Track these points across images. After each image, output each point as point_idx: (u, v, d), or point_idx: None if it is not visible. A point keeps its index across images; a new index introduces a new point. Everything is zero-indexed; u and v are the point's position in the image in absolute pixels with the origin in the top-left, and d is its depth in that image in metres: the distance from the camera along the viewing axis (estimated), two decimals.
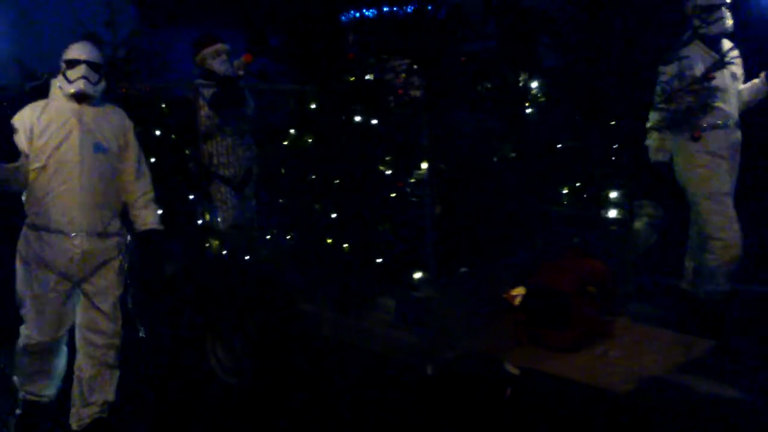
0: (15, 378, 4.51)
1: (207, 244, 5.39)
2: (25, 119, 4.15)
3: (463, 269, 4.30)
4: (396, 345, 4.35)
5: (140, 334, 4.66)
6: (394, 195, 4.08)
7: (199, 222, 5.47)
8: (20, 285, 4.36)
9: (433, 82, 3.78)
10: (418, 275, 4.13)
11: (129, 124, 4.58)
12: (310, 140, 4.50)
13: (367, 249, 4.31)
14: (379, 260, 4.28)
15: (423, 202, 4.03)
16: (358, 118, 4.17)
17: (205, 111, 5.41)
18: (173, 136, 5.62)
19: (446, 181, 4.04)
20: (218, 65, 5.45)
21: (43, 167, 4.26)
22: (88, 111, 4.40)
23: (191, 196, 5.54)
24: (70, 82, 4.33)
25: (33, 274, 4.30)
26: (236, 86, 5.27)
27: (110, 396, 4.53)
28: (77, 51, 4.38)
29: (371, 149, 4.10)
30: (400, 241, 4.17)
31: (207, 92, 5.41)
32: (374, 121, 4.03)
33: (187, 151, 5.61)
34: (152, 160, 5.61)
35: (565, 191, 5.15)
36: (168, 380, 5.38)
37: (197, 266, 5.34)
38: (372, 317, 4.48)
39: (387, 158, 4.06)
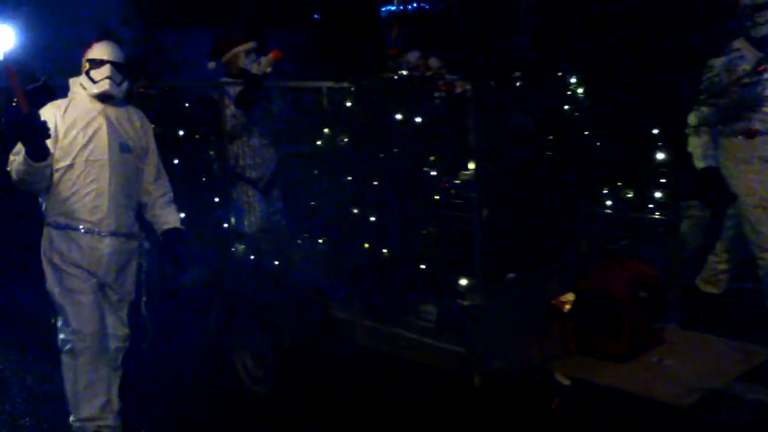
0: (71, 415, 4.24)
1: (233, 249, 5.18)
2: (48, 118, 3.96)
3: (510, 275, 4.08)
4: (438, 354, 4.13)
5: (145, 344, 4.46)
6: (438, 197, 3.84)
7: (225, 226, 5.24)
8: (51, 285, 4.23)
9: (482, 77, 3.55)
10: (463, 281, 3.90)
11: (149, 125, 4.54)
12: (345, 140, 4.27)
13: (409, 254, 4.09)
14: (421, 266, 4.04)
15: (469, 204, 3.80)
16: (399, 116, 3.94)
17: (231, 110, 5.20)
18: (197, 136, 5.41)
19: (493, 183, 3.81)
20: (251, 64, 5.25)
21: (71, 166, 4.14)
22: (112, 111, 4.33)
23: (216, 199, 5.31)
24: (94, 82, 4.25)
25: (63, 272, 4.18)
26: (264, 84, 5.05)
27: (115, 399, 4.37)
28: (102, 51, 4.27)
29: (414, 149, 3.87)
30: (444, 245, 3.94)
31: (233, 91, 5.20)
32: (418, 119, 3.80)
33: (211, 152, 5.39)
34: (175, 161, 5.48)
35: (606, 191, 4.93)
36: (192, 390, 5.17)
37: (224, 272, 5.12)
38: (411, 325, 4.26)
39: (431, 158, 3.83)
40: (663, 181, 4.87)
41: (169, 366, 5.45)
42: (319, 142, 4.47)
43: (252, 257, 5.03)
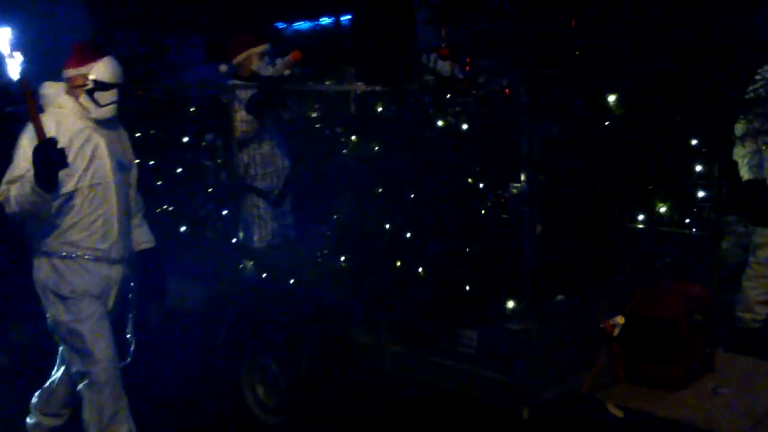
0: None
1: (242, 265, 4.79)
2: (32, 137, 3.51)
3: (558, 297, 3.75)
4: (478, 384, 3.78)
5: (125, 361, 4.06)
6: (483, 211, 3.50)
7: (234, 240, 4.85)
8: (57, 318, 3.85)
9: (537, 79, 3.22)
10: (510, 304, 3.56)
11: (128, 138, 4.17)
12: (376, 148, 3.92)
13: (448, 273, 3.74)
14: (461, 286, 3.69)
15: (519, 219, 3.46)
16: (440, 123, 3.60)
17: (241, 115, 4.81)
18: (203, 143, 5.02)
19: (545, 196, 3.48)
20: (264, 66, 4.87)
21: (74, 192, 3.77)
22: (104, 126, 3.93)
23: (224, 211, 4.92)
24: (99, 105, 3.82)
25: (72, 300, 3.82)
26: (280, 88, 4.67)
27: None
28: (110, 71, 3.83)
29: (458, 159, 3.53)
30: (488, 264, 3.60)
31: (245, 94, 4.82)
32: (464, 126, 3.46)
33: (218, 160, 5.00)
34: (178, 170, 5.09)
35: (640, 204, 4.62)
36: (195, 420, 4.77)
37: (233, 290, 4.73)
38: (448, 351, 3.91)
39: (477, 169, 3.49)
40: (702, 194, 4.59)
41: (171, 392, 5.04)
42: (344, 151, 4.12)
43: (265, 275, 4.64)
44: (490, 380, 3.71)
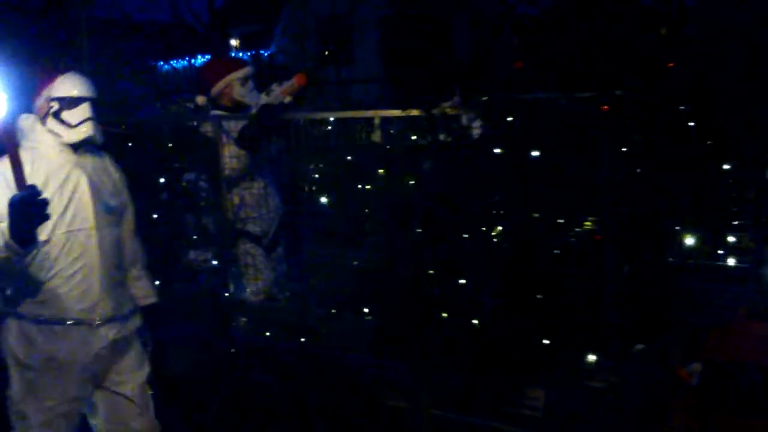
0: None
1: (235, 324, 4.13)
2: (7, 179, 2.82)
3: (638, 346, 3.26)
4: None
5: None
6: (557, 251, 3.00)
7: (226, 295, 4.18)
8: (19, 397, 3.12)
9: (621, 97, 2.75)
10: (591, 357, 3.05)
11: (122, 173, 3.47)
12: (411, 182, 3.37)
13: (508, 324, 3.21)
14: (525, 338, 3.16)
15: (600, 259, 2.97)
16: (497, 150, 3.09)
17: (230, 150, 4.18)
18: (183, 183, 4.35)
19: (628, 231, 3.00)
20: (248, 93, 4.27)
21: (46, 241, 3.06)
22: (88, 161, 3.26)
23: (214, 261, 4.24)
24: (71, 126, 3.16)
25: (40, 381, 3.09)
26: (279, 117, 4.06)
27: None
28: (73, 85, 3.19)
29: (524, 190, 3.02)
30: (561, 311, 3.09)
31: (233, 126, 4.20)
32: (535, 153, 2.95)
33: (201, 203, 4.34)
34: (154, 215, 4.40)
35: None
36: None
37: (228, 354, 4.05)
38: (508, 415, 3.36)
39: (551, 202, 2.99)
40: (739, 222, 4.24)
41: None
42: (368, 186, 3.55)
43: (267, 333, 4.00)
44: None
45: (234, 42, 19.63)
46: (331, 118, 4.30)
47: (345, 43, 15.70)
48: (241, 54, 17.54)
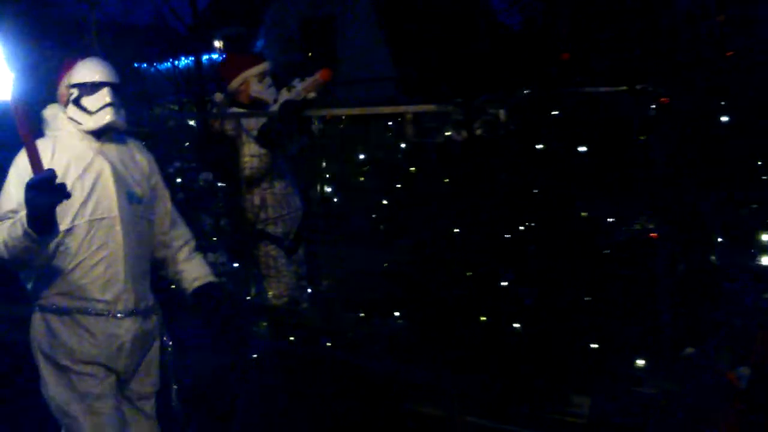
0: None
1: (256, 329, 3.98)
2: (27, 170, 2.71)
3: (689, 349, 3.12)
4: None
5: None
6: (608, 251, 2.85)
7: (248, 299, 4.02)
8: (54, 391, 2.99)
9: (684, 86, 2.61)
10: (640, 362, 2.91)
11: (154, 160, 3.32)
12: (446, 180, 3.23)
13: (552, 327, 3.06)
14: (575, 343, 3.02)
15: (653, 260, 2.83)
16: (539, 146, 2.95)
17: (250, 148, 4.03)
18: (201, 182, 4.19)
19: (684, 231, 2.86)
20: (265, 90, 4.12)
21: (69, 230, 2.94)
22: (112, 149, 3.12)
23: (235, 264, 4.08)
24: (90, 113, 3.04)
25: (71, 372, 2.97)
26: (302, 114, 3.90)
27: None
28: (93, 70, 3.07)
29: (570, 187, 2.87)
30: (609, 314, 2.94)
31: (253, 124, 4.04)
32: (582, 149, 2.80)
33: (219, 204, 4.19)
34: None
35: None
36: None
37: (251, 359, 3.90)
38: (549, 422, 3.21)
39: (598, 200, 2.84)
40: None
41: None
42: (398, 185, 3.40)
43: (291, 338, 3.84)
44: None
45: (217, 44, 19.51)
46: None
47: (329, 44, 15.60)
48: (224, 56, 17.38)
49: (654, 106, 2.61)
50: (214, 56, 17.41)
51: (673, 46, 2.71)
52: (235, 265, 4.06)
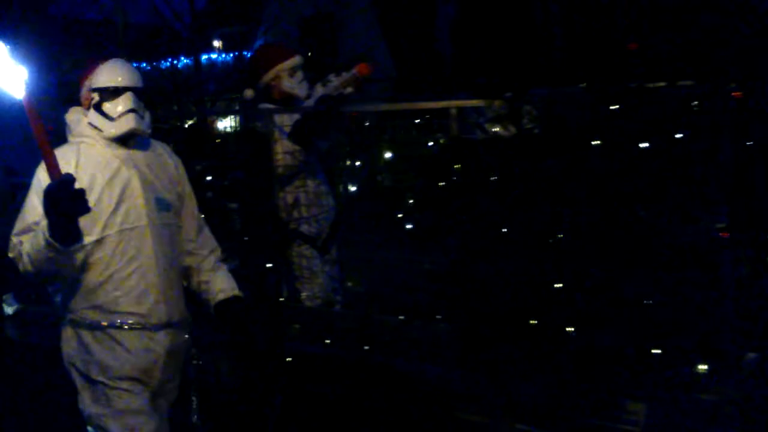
0: None
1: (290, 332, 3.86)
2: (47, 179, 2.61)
3: (750, 354, 2.99)
4: None
5: None
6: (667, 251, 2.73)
7: (281, 300, 3.90)
8: (89, 405, 2.91)
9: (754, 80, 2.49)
10: (702, 366, 2.78)
11: (181, 163, 3.23)
12: (495, 178, 3.11)
13: (606, 330, 2.94)
14: (625, 345, 2.89)
15: (716, 260, 2.70)
16: (596, 142, 2.82)
17: (283, 145, 3.91)
18: (225, 182, 4.08)
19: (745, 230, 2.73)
20: (297, 84, 4.00)
21: (99, 241, 2.85)
22: (139, 155, 3.02)
23: (269, 264, 3.96)
24: (112, 119, 2.93)
25: (106, 387, 2.88)
26: (338, 111, 3.78)
27: None
28: (114, 74, 2.96)
29: (626, 186, 2.75)
30: (669, 316, 2.82)
31: (286, 120, 3.93)
32: (644, 145, 2.67)
33: (250, 203, 4.07)
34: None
35: None
36: None
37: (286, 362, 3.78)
38: (598, 430, 3.09)
39: (659, 199, 2.72)
40: None
41: None
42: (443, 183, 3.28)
43: (327, 341, 3.73)
44: None
45: (216, 43, 19.44)
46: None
47: (330, 42, 15.50)
48: (223, 55, 17.32)
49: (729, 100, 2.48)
50: (213, 56, 17.39)
51: (748, 36, 2.59)
52: (268, 266, 3.94)
